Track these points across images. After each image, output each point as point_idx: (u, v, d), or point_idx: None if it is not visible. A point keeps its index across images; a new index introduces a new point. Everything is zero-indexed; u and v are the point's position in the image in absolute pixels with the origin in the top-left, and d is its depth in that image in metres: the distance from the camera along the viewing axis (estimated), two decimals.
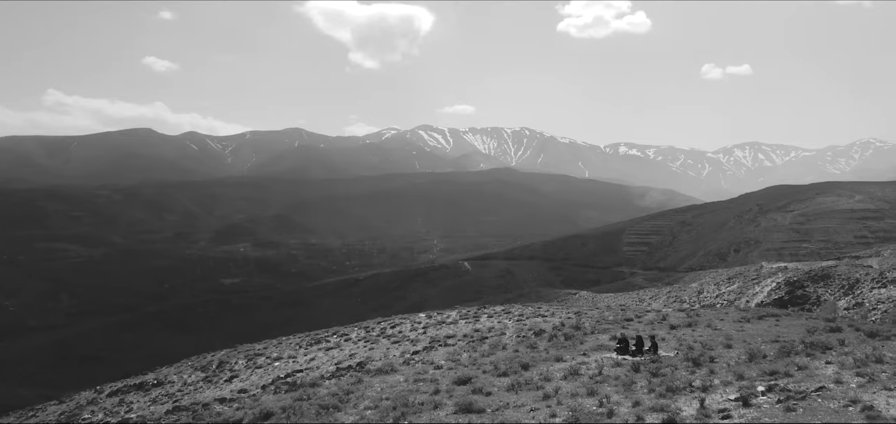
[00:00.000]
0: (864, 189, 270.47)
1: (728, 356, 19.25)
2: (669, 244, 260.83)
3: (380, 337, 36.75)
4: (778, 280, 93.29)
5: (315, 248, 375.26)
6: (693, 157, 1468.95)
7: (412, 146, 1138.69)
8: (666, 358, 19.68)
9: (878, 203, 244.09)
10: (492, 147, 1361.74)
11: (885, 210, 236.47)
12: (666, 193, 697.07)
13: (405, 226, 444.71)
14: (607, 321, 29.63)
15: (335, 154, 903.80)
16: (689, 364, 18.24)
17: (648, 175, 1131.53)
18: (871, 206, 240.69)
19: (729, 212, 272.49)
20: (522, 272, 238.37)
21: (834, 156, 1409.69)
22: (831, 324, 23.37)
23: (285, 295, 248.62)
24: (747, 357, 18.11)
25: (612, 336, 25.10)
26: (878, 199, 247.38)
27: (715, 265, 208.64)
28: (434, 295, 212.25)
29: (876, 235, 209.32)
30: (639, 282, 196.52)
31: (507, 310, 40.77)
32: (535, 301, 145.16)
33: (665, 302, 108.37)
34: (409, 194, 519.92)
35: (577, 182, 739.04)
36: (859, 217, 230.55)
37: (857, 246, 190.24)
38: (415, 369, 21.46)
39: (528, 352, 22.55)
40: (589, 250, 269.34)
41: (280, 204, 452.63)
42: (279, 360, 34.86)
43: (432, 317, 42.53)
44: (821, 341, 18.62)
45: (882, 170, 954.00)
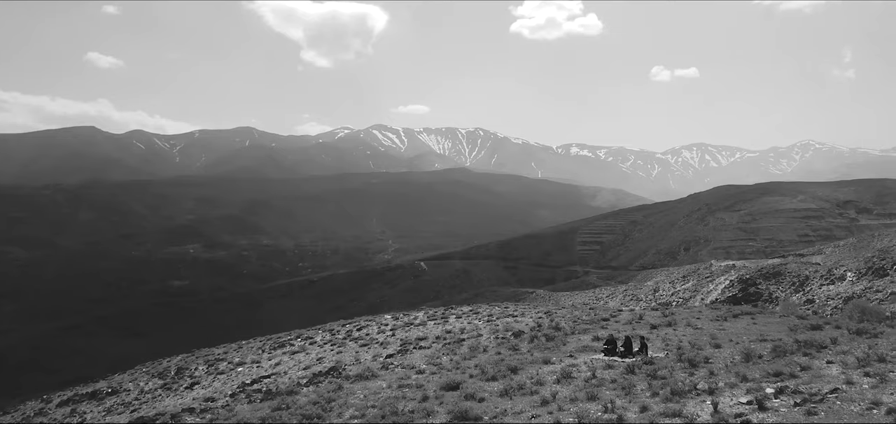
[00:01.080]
0: (805, 189, 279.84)
1: (721, 356, 19.12)
2: (621, 243, 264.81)
3: (346, 340, 35.77)
4: (731, 277, 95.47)
5: (267, 249, 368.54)
6: (643, 158, 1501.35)
7: (366, 146, 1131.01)
8: (658, 359, 19.42)
9: (820, 202, 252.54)
10: (446, 147, 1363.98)
11: (825, 209, 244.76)
12: (616, 193, 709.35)
13: (359, 227, 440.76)
14: (584, 321, 29.38)
15: (287, 153, 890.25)
16: (684, 365, 18.02)
17: (600, 175, 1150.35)
18: (813, 206, 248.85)
19: (678, 212, 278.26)
20: (479, 271, 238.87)
21: (776, 157, 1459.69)
22: (812, 322, 23.56)
23: (238, 297, 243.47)
24: (742, 357, 17.98)
25: (594, 336, 24.80)
26: (819, 199, 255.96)
27: (666, 263, 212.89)
28: (392, 295, 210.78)
29: (818, 233, 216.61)
30: (593, 281, 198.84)
31: (474, 311, 40.24)
32: (494, 300, 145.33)
33: (622, 300, 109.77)
34: (364, 194, 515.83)
35: (530, 182, 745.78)
36: (802, 216, 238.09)
37: (800, 244, 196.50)
38: (396, 374, 20.67)
39: (512, 355, 22.03)
40: (543, 249, 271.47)
41: (231, 204, 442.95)
42: (242, 365, 33.54)
43: (399, 319, 41.72)
44: (813, 339, 18.63)
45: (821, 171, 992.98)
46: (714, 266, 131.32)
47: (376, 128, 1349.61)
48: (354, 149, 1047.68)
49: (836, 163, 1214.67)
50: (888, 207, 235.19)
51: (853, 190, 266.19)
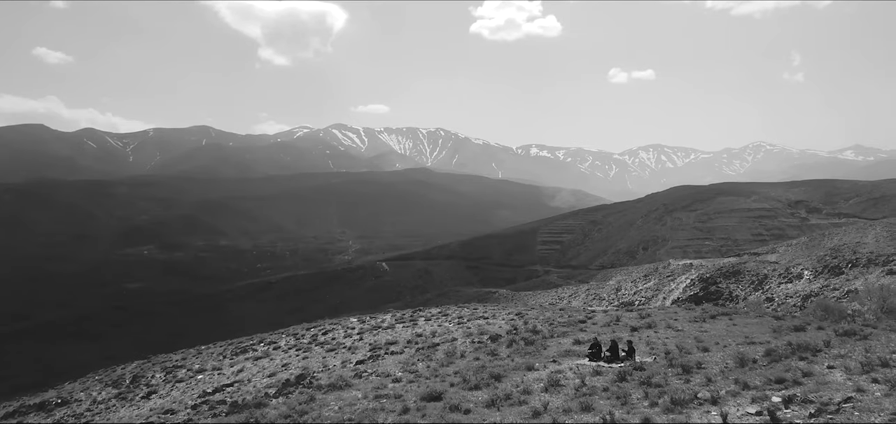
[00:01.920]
0: (758, 190, 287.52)
1: (713, 360, 18.64)
2: (581, 242, 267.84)
3: (312, 345, 34.51)
4: (691, 276, 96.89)
5: (225, 250, 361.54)
6: (600, 159, 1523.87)
7: (326, 145, 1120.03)
8: (647, 364, 18.82)
9: (772, 202, 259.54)
10: (407, 147, 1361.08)
11: (777, 209, 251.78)
12: (576, 194, 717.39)
13: (319, 227, 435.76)
14: (560, 323, 28.74)
15: (245, 152, 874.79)
16: (677, 370, 17.50)
17: (559, 175, 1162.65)
18: (766, 206, 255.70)
19: (636, 212, 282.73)
20: (441, 272, 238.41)
21: (729, 158, 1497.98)
22: (794, 322, 23.34)
23: (196, 299, 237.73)
24: (736, 361, 17.50)
25: (574, 340, 24.15)
26: (771, 199, 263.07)
27: (625, 262, 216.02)
28: (353, 297, 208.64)
29: (771, 232, 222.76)
30: (554, 280, 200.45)
31: (444, 313, 39.35)
32: (458, 301, 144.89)
33: (585, 299, 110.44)
34: (323, 194, 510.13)
35: (491, 182, 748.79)
36: (756, 216, 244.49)
37: (754, 243, 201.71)
38: (370, 383, 19.59)
39: (492, 361, 21.18)
40: (505, 249, 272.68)
41: (187, 204, 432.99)
42: (202, 373, 31.99)
43: (365, 322, 40.56)
44: (804, 342, 18.28)
45: (772, 171, 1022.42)
46: (672, 265, 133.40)
47: (336, 128, 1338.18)
48: (314, 149, 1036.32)
49: (786, 164, 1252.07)
50: (837, 207, 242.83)
51: (803, 190, 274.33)
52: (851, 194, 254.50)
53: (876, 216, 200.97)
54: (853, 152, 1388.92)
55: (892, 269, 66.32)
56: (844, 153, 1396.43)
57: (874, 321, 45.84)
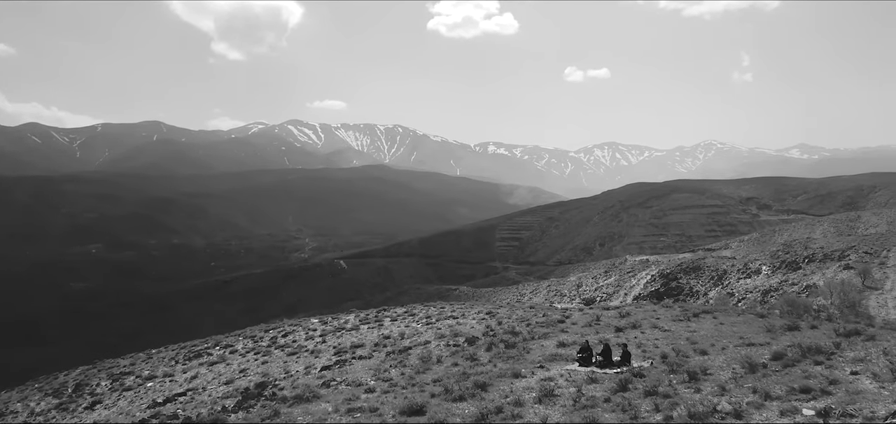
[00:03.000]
0: (711, 187, 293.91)
1: (716, 364, 17.64)
2: (539, 239, 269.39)
3: (271, 348, 32.56)
4: (652, 272, 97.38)
5: (177, 249, 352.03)
6: (557, 156, 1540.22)
7: (281, 141, 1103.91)
8: (646, 370, 17.70)
9: (724, 199, 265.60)
10: (365, 143, 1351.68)
11: (729, 205, 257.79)
12: (533, 191, 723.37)
13: (275, 225, 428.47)
14: (538, 324, 27.46)
15: (198, 149, 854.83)
16: (682, 377, 16.38)
17: (516, 173, 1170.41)
18: (718, 202, 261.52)
19: (593, 209, 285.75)
20: (400, 269, 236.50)
21: (682, 156, 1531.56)
22: (786, 322, 22.54)
23: (148, 299, 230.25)
24: (745, 367, 16.41)
25: (558, 342, 22.87)
26: (723, 196, 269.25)
27: (582, 259, 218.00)
28: (311, 295, 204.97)
29: (723, 228, 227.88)
30: (513, 277, 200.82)
31: (410, 312, 37.77)
32: (418, 299, 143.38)
33: (546, 296, 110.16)
34: (279, 191, 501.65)
35: (449, 179, 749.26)
36: (709, 212, 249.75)
37: (707, 238, 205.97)
38: (341, 394, 17.85)
39: (473, 367, 19.72)
40: (464, 246, 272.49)
41: (137, 202, 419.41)
42: (152, 380, 29.75)
43: (328, 323, 38.72)
44: (812, 344, 17.34)
45: (723, 169, 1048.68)
46: (629, 261, 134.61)
47: (292, 124, 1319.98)
48: (269, 145, 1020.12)
49: (736, 162, 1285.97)
50: (785, 203, 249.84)
51: (754, 187, 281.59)
52: (799, 191, 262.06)
53: (822, 213, 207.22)
54: (799, 151, 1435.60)
55: (849, 265, 67.36)
56: (791, 151, 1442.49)
57: (839, 315, 46.13)
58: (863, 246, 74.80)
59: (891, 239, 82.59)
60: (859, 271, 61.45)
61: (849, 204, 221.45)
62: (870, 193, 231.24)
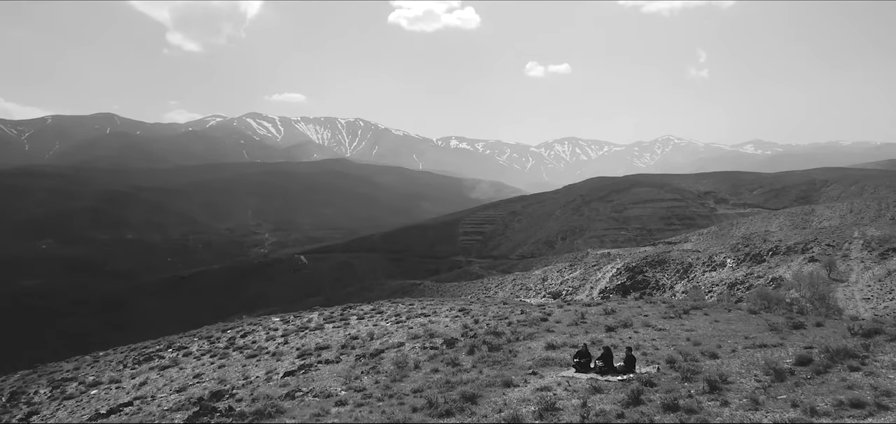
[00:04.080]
0: (670, 181, 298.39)
1: (733, 370, 16.23)
2: (502, 233, 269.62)
3: (229, 350, 30.38)
4: (617, 266, 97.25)
5: (132, 245, 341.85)
6: (518, 151, 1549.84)
7: (240, 134, 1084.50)
8: (654, 378, 16.14)
9: (682, 193, 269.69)
10: (326, 137, 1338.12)
11: (688, 199, 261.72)
12: (495, 185, 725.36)
13: (233, 219, 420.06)
14: (521, 323, 25.86)
15: (154, 142, 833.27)
16: (700, 386, 14.84)
17: (478, 167, 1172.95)
18: (677, 196, 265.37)
19: (555, 203, 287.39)
20: (363, 264, 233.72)
21: (640, 151, 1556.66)
22: (784, 319, 21.39)
23: (101, 297, 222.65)
24: (769, 374, 14.96)
25: (547, 343, 21.26)
26: (681, 190, 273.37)
27: (544, 252, 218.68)
28: (271, 291, 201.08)
29: (682, 222, 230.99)
30: (477, 271, 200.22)
31: (377, 310, 35.89)
32: (380, 294, 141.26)
33: (512, 290, 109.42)
34: (238, 185, 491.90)
35: (412, 174, 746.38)
36: (667, 206, 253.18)
37: (667, 232, 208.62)
38: (308, 407, 15.81)
39: (455, 374, 17.92)
40: (427, 240, 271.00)
41: (89, 196, 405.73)
42: (97, 387, 27.32)
43: (290, 321, 36.61)
44: (841, 346, 15.96)
45: (681, 164, 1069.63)
46: (592, 254, 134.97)
47: (251, 117, 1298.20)
48: (227, 138, 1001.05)
49: (693, 157, 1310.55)
50: (742, 197, 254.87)
51: (712, 181, 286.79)
52: (755, 185, 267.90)
53: (778, 206, 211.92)
54: (753, 146, 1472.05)
55: (814, 257, 67.91)
56: (745, 147, 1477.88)
57: (811, 309, 45.92)
58: (825, 239, 75.62)
59: (846, 233, 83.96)
60: (825, 264, 61.91)
61: (802, 198, 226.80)
62: (822, 187, 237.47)
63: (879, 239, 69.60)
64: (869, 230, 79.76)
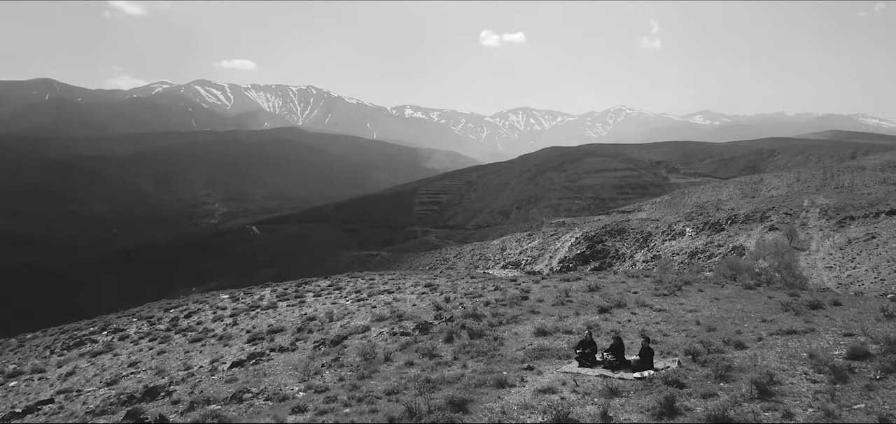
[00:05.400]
0: (622, 151, 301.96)
1: (774, 365, 14.01)
2: (458, 203, 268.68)
3: (171, 332, 27.55)
4: (576, 235, 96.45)
5: (76, 217, 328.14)
6: (473, 121, 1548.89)
7: (188, 102, 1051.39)
8: (679, 375, 13.80)
9: (635, 163, 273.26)
10: (277, 105, 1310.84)
11: (640, 169, 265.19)
12: (450, 155, 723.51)
13: (182, 190, 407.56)
14: (499, 302, 23.62)
15: (96, 109, 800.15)
16: (745, 390, 12.38)
17: (433, 137, 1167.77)
18: (630, 166, 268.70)
19: (510, 173, 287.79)
20: (317, 235, 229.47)
21: (593, 121, 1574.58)
22: (809, 299, 19.55)
23: (41, 272, 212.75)
24: (823, 372, 12.83)
25: (537, 328, 19.04)
26: (633, 160, 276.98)
27: (500, 222, 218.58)
28: (222, 264, 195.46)
29: (635, 191, 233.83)
30: (433, 241, 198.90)
31: (335, 286, 33.36)
32: (336, 265, 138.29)
33: (470, 260, 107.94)
34: (186, 154, 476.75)
35: (366, 143, 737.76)
36: (621, 175, 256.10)
37: (620, 200, 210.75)
38: (258, 415, 13.00)
39: (435, 368, 15.48)
40: (382, 211, 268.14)
41: (28, 166, 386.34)
42: (18, 377, 24.23)
43: (239, 299, 33.79)
44: (875, 332, 14.29)
45: (632, 134, 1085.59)
46: (550, 224, 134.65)
47: (199, 84, 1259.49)
48: (174, 106, 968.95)
49: (644, 127, 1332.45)
50: (693, 167, 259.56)
51: (663, 151, 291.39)
52: (705, 155, 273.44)
53: (727, 175, 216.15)
54: (702, 117, 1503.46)
55: (774, 226, 68.04)
56: (694, 118, 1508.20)
57: (780, 279, 45.33)
58: (782, 208, 76.02)
59: (795, 201, 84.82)
60: (786, 232, 61.97)
61: (751, 167, 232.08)
62: (769, 157, 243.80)
63: (835, 207, 70.16)
64: (818, 198, 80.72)
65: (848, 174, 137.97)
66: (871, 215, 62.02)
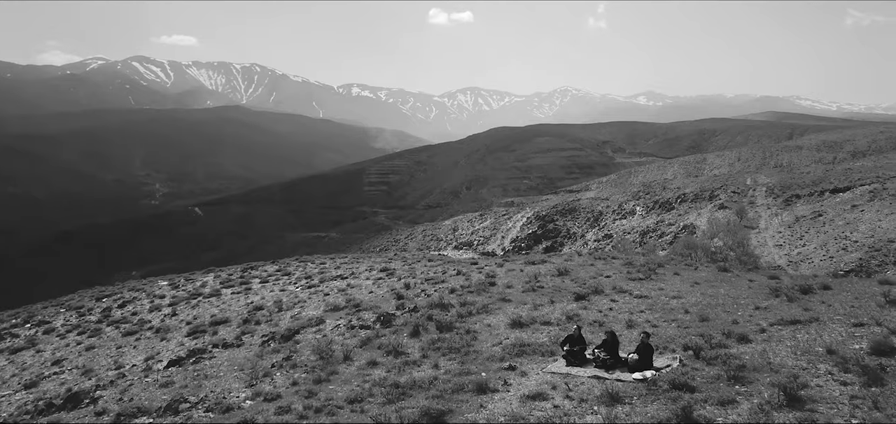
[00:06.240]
0: (569, 131, 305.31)
1: (789, 363, 12.66)
2: (408, 183, 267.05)
3: (103, 325, 25.25)
4: (527, 214, 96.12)
5: (7, 199, 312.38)
6: (422, 100, 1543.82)
7: (125, 79, 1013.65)
8: (687, 377, 12.29)
9: (582, 143, 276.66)
10: (220, 83, 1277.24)
11: (587, 148, 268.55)
12: (398, 135, 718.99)
13: (121, 170, 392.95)
14: (467, 290, 22.03)
15: (27, 85, 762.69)
16: (771, 397, 10.88)
17: (381, 116, 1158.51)
18: (577, 146, 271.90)
19: (460, 153, 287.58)
20: (262, 216, 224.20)
21: (540, 102, 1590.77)
22: (776, 280, 18.72)
23: None
24: (850, 371, 11.53)
25: (511, 319, 17.50)
26: (581, 140, 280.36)
27: (450, 202, 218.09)
28: (165, 246, 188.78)
29: (582, 170, 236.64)
30: (383, 221, 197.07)
31: (283, 271, 31.41)
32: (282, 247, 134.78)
33: (422, 240, 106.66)
34: (125, 133, 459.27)
35: (312, 122, 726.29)
36: (568, 155, 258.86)
37: (567, 180, 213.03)
38: None
39: (402, 369, 13.68)
40: (330, 191, 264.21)
41: None
42: None
43: (180, 286, 31.51)
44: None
45: (578, 114, 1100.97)
46: (501, 203, 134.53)
47: (137, 60, 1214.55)
48: (111, 83, 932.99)
49: (590, 107, 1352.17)
50: (638, 147, 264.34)
51: (609, 131, 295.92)
52: (650, 135, 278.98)
53: (671, 155, 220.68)
54: (645, 98, 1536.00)
55: (723, 205, 68.74)
56: (638, 98, 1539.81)
57: (735, 257, 45.47)
58: (730, 186, 77.08)
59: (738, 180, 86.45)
60: (736, 211, 62.59)
61: (694, 147, 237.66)
62: (711, 137, 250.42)
63: (781, 186, 71.38)
64: (759, 177, 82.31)
65: (786, 153, 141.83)
66: (816, 193, 63.19)
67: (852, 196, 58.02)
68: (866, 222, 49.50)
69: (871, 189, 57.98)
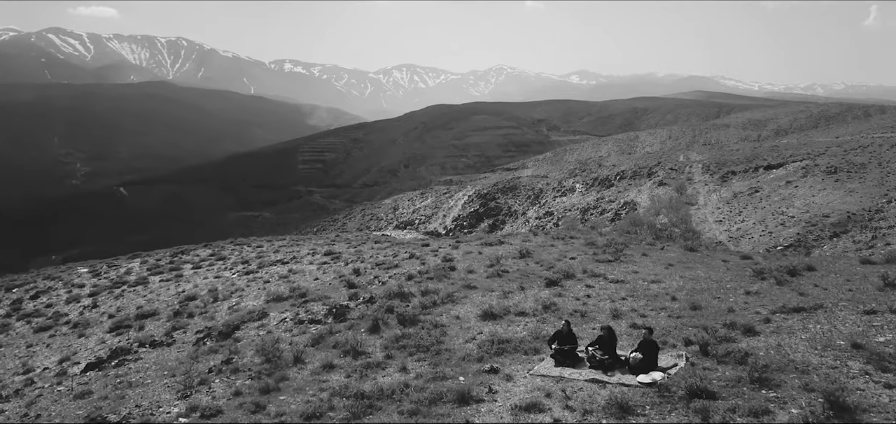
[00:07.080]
0: (506, 110, 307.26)
1: (814, 362, 11.31)
2: (344, 161, 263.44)
3: (12, 319, 22.64)
4: (469, 193, 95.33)
5: None
6: (356, 77, 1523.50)
7: (40, 52, 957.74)
8: (699, 378, 10.80)
9: (519, 121, 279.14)
10: (144, 57, 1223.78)
11: (523, 127, 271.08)
12: (333, 112, 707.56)
13: (37, 148, 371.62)
14: (425, 276, 20.35)
15: None
16: (820, 408, 9.31)
17: (315, 93, 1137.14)
18: (514, 124, 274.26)
19: (397, 130, 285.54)
20: (193, 196, 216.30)
21: (476, 80, 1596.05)
22: (754, 263, 17.88)
23: None
24: (889, 372, 10.24)
25: (482, 310, 15.77)
26: (517, 118, 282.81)
27: (387, 180, 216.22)
28: (89, 230, 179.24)
29: (519, 148, 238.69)
30: (319, 201, 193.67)
31: (217, 255, 29.17)
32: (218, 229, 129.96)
33: (361, 220, 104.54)
34: (41, 110, 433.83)
35: (243, 99, 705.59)
36: (505, 133, 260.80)
37: (504, 158, 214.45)
38: None
39: (364, 373, 11.62)
40: (263, 169, 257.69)
41: None
42: None
43: (101, 273, 28.85)
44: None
45: (514, 93, 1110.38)
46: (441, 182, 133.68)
47: (52, 32, 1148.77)
48: (24, 56, 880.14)
49: (525, 86, 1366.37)
50: (572, 125, 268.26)
51: (545, 110, 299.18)
52: (584, 114, 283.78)
53: (604, 133, 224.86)
54: (578, 77, 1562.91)
55: (663, 181, 69.51)
56: (571, 77, 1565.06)
57: (680, 234, 45.68)
58: (667, 163, 78.21)
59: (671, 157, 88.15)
60: (675, 187, 63.40)
61: (626, 125, 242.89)
62: (642, 115, 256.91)
63: (717, 162, 72.79)
64: (691, 155, 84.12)
65: (714, 131, 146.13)
66: (751, 170, 64.61)
67: (786, 172, 59.50)
68: (801, 198, 50.70)
69: (803, 165, 59.58)
